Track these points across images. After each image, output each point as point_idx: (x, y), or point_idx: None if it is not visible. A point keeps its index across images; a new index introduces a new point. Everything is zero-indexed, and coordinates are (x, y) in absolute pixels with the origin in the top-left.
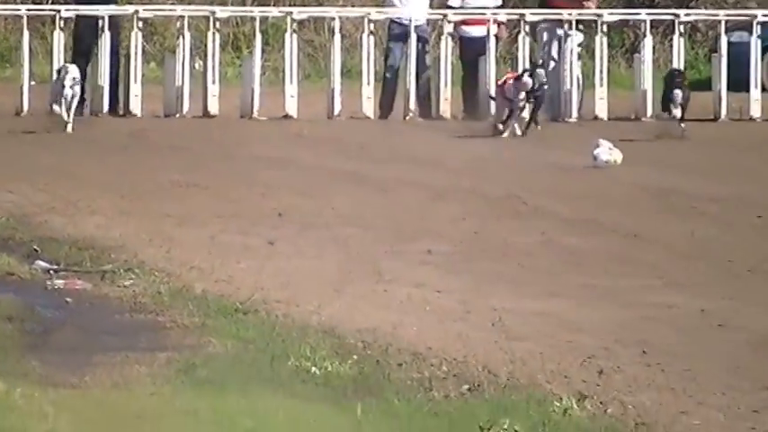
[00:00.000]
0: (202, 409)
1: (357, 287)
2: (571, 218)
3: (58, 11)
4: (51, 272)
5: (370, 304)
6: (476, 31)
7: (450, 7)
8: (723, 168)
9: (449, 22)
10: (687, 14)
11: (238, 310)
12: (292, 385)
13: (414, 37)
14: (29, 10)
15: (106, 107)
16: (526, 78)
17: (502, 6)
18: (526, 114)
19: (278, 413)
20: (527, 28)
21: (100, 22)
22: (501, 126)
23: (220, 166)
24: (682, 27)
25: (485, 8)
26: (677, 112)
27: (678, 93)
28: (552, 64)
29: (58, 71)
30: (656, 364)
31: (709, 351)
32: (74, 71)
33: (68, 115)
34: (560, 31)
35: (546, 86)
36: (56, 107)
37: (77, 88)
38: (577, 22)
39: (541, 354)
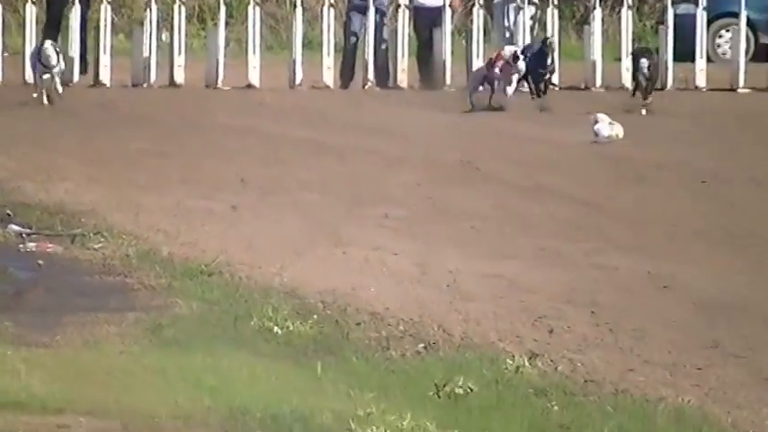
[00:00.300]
0: (169, 367)
1: (317, 250)
2: (523, 184)
3: None
4: (24, 235)
5: (330, 266)
6: (430, 2)
7: None
8: (669, 136)
9: None
10: None
11: (203, 272)
12: (255, 344)
13: (372, 9)
14: None
15: (77, 77)
16: (521, 64)
17: None
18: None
19: (241, 371)
20: (482, 0)
21: None
22: (472, 101)
23: (186, 135)
24: (630, 1)
25: None
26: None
27: (645, 62)
28: (507, 34)
29: (39, 47)
30: (605, 324)
31: (656, 311)
32: (51, 48)
33: (47, 91)
34: (514, 5)
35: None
36: (38, 80)
37: (56, 63)
38: None
39: (494, 314)
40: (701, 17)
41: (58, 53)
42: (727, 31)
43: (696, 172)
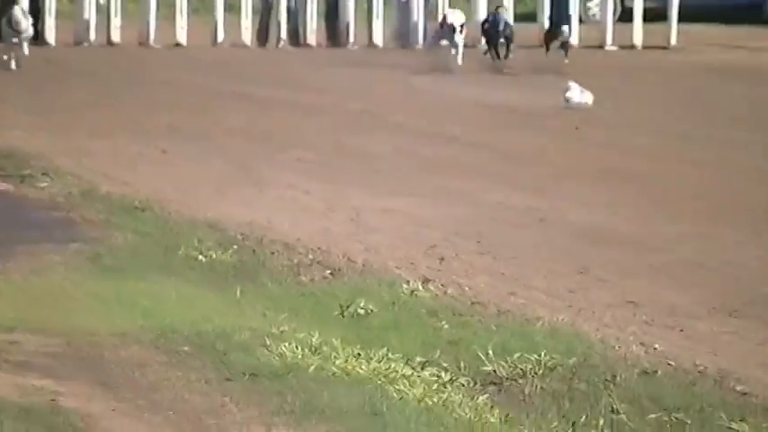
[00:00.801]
0: (107, 291)
1: (237, 189)
2: (418, 129)
3: None
4: None
5: (248, 203)
6: None
7: None
8: (549, 85)
9: None
10: None
11: (137, 207)
12: (183, 271)
13: None
14: None
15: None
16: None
17: None
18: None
19: (171, 295)
20: None
21: None
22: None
23: (122, 88)
24: None
25: None
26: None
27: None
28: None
29: (9, 13)
30: (489, 253)
31: (534, 242)
32: (21, 13)
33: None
34: None
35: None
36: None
37: (25, 28)
38: None
39: (392, 244)
40: None
41: (26, 19)
42: None
43: (571, 119)
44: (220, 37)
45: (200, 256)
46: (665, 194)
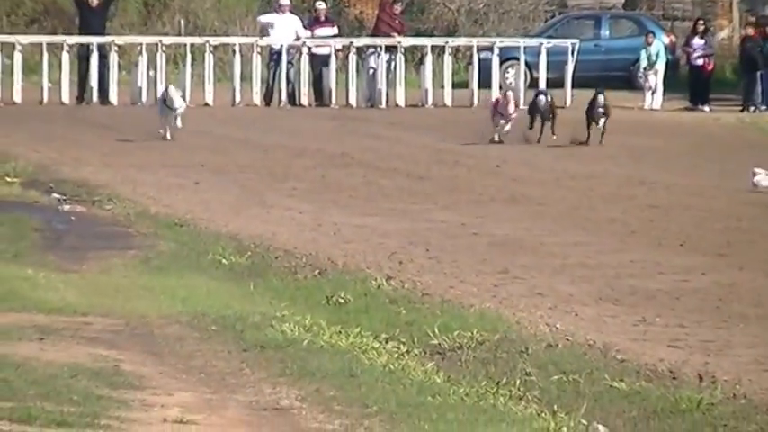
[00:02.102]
0: (155, 285)
1: (250, 210)
2: (382, 167)
3: None
4: (61, 200)
5: (258, 220)
6: (321, 51)
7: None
8: (476, 135)
9: (306, 45)
10: (453, 41)
11: (177, 224)
12: (210, 271)
13: (285, 57)
14: None
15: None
16: (509, 96)
17: (338, 36)
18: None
19: (202, 287)
20: (354, 50)
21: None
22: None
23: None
24: (449, 49)
25: (326, 36)
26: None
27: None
28: (371, 71)
29: (164, 91)
30: (434, 257)
31: (467, 249)
32: (175, 91)
33: (170, 128)
34: (373, 50)
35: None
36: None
37: (179, 105)
38: (386, 46)
39: (363, 251)
40: (495, 60)
41: (181, 96)
42: (512, 68)
43: (491, 158)
44: (237, 98)
45: (223, 260)
46: (561, 213)
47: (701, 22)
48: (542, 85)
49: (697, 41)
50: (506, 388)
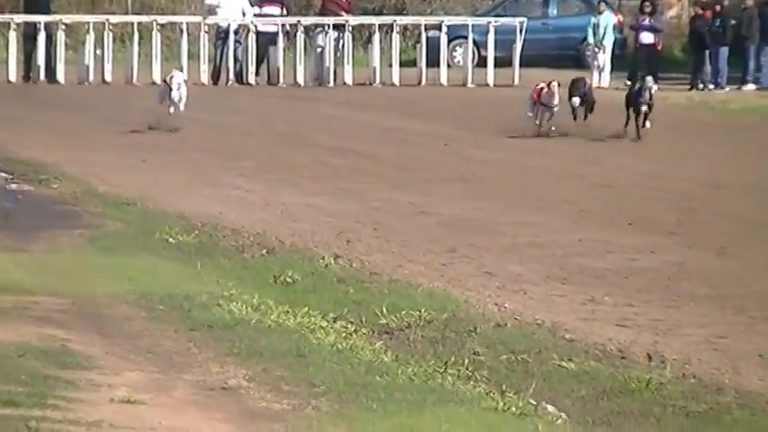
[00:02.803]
0: (103, 264)
1: (198, 189)
2: (331, 146)
3: None
4: (8, 179)
5: (206, 199)
6: (268, 29)
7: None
8: (424, 113)
9: (253, 24)
10: (401, 20)
11: (124, 203)
12: (158, 250)
13: (232, 36)
14: None
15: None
16: (554, 87)
17: (287, 15)
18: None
19: (149, 267)
20: (302, 29)
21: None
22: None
23: (113, 113)
24: (398, 27)
25: (273, 15)
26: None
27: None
28: (319, 50)
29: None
30: (382, 237)
31: (416, 228)
32: (180, 78)
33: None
34: (321, 29)
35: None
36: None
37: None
38: (334, 25)
39: (311, 230)
40: (443, 38)
41: (185, 81)
42: (460, 47)
43: (440, 137)
44: (185, 77)
45: (171, 239)
46: (511, 192)
47: (649, 1)
48: (490, 63)
49: (646, 20)
50: (455, 368)
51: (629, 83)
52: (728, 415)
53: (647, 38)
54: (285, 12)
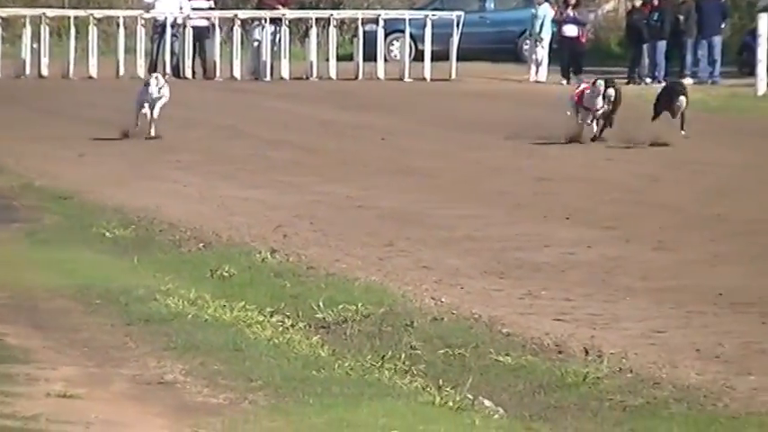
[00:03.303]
0: (40, 258)
1: (135, 183)
2: (269, 139)
3: None
4: None
5: (143, 193)
6: (201, 23)
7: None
8: (362, 107)
9: (189, 17)
10: (338, 13)
11: (62, 196)
12: (95, 244)
13: (169, 30)
14: None
15: None
16: (599, 85)
17: (220, 8)
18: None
19: (86, 261)
20: (239, 23)
21: None
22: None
23: (52, 108)
24: (335, 21)
25: (202, 8)
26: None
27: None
28: (256, 44)
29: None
30: (320, 230)
31: (353, 222)
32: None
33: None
34: (258, 22)
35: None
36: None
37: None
38: (271, 18)
39: (248, 224)
40: (380, 32)
41: (165, 85)
42: (397, 41)
43: (378, 130)
44: (121, 71)
45: (108, 233)
46: (448, 185)
47: None
48: (427, 57)
49: (569, 13)
50: (392, 362)
51: (564, 82)
52: (665, 409)
53: (570, 30)
54: (214, 5)
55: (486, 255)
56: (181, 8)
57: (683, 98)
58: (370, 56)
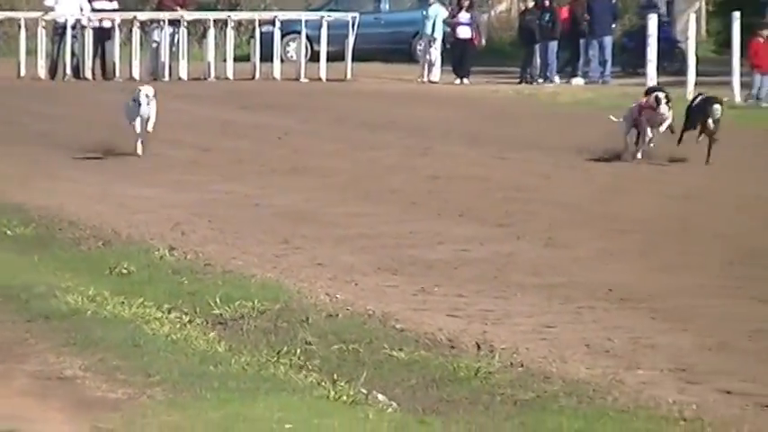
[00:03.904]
0: None
1: (38, 183)
2: (168, 138)
3: None
4: None
5: (45, 192)
6: (103, 24)
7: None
8: (259, 107)
9: (89, 19)
10: (235, 15)
11: None
12: None
13: (69, 32)
14: None
15: None
16: (663, 109)
17: (121, 9)
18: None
19: None
20: (138, 24)
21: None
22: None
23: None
24: (232, 23)
25: (104, 10)
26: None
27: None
28: (154, 45)
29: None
30: (218, 229)
31: (250, 220)
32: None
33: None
34: (156, 24)
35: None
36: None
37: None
38: (170, 20)
39: (147, 222)
40: (277, 33)
41: (154, 96)
42: (294, 42)
43: (275, 129)
44: (22, 72)
45: (9, 231)
46: (343, 183)
47: None
48: (323, 58)
49: (463, 15)
50: (287, 357)
51: (457, 81)
52: (555, 403)
53: (463, 32)
54: (118, 7)
55: (380, 252)
56: (81, 9)
57: (717, 107)
58: (266, 56)
